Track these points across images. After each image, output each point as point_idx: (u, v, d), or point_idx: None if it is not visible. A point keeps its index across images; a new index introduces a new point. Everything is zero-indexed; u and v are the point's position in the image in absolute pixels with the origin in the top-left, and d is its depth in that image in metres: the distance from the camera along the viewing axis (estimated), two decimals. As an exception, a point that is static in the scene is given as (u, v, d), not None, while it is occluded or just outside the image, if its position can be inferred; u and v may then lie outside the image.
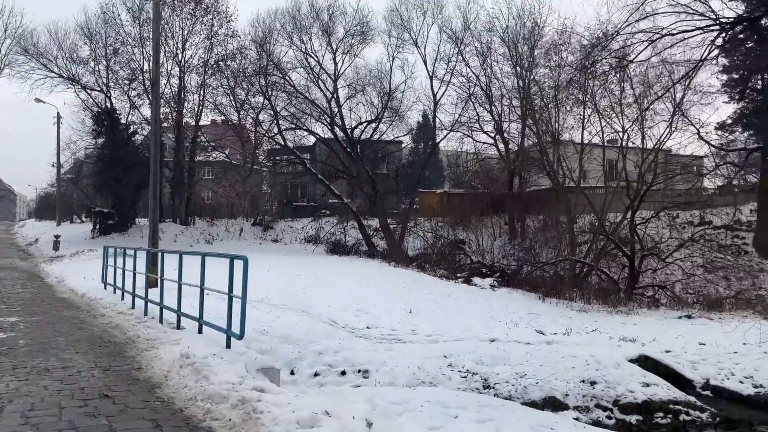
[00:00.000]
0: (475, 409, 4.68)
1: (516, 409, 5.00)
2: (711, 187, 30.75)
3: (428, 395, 5.01)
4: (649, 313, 18.34)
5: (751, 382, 10.66)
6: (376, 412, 4.33)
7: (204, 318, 7.38)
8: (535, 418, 4.60)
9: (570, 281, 21.84)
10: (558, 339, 12.92)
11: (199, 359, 5.68)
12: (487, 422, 4.21)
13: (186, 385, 5.18)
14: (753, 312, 18.41)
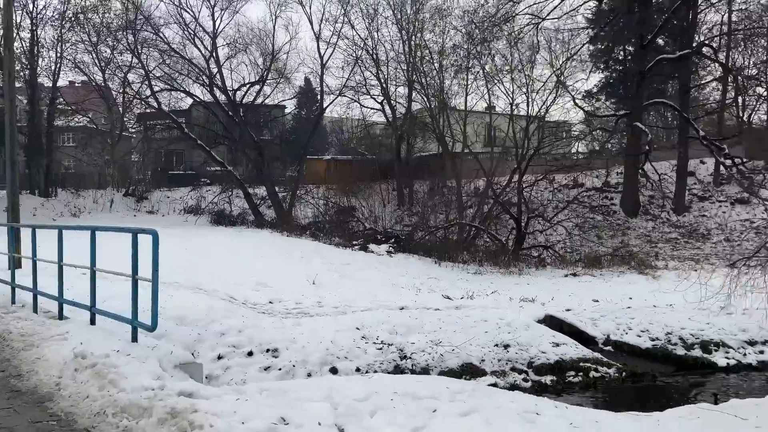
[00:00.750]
0: (449, 397, 4.24)
1: (490, 393, 4.62)
2: (584, 152, 32.59)
3: (391, 385, 4.48)
4: (538, 273, 19.04)
5: (648, 335, 11.21)
6: (341, 412, 3.71)
7: (97, 306, 6.21)
8: (517, 404, 4.24)
9: (461, 244, 22.19)
10: (465, 303, 12.91)
11: (99, 359, 4.64)
12: (471, 414, 3.78)
13: (88, 394, 4.15)
14: (629, 267, 19.75)
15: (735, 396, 8.78)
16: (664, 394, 9.18)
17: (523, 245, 22.34)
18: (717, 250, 25.05)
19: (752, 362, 10.36)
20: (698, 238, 26.93)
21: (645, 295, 14.64)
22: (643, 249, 23.73)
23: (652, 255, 22.08)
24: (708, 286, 11.09)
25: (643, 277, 18.11)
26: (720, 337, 10.99)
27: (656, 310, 12.35)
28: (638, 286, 16.24)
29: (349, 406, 3.80)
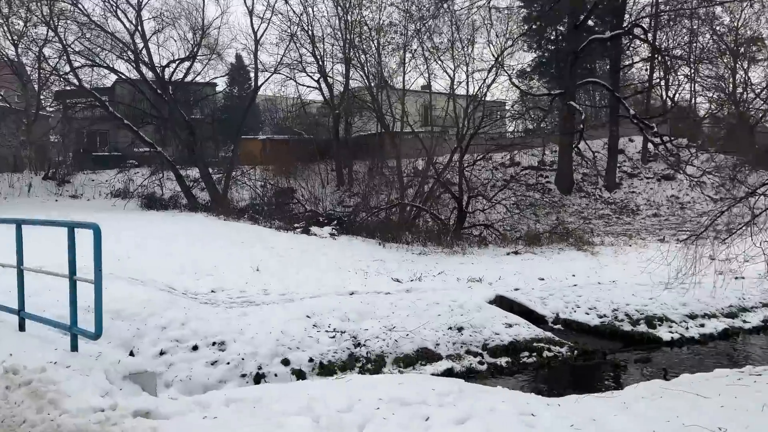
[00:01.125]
0: (437, 401, 3.96)
1: (477, 393, 4.35)
2: (520, 131, 33.04)
3: (372, 388, 4.14)
4: (481, 252, 19.16)
5: (596, 312, 11.39)
6: (324, 426, 3.34)
7: (26, 309, 5.52)
8: (509, 404, 4.01)
9: (403, 225, 22.04)
10: (416, 286, 12.73)
11: (34, 374, 4.01)
12: (467, 422, 3.51)
13: (25, 419, 3.54)
14: (567, 244, 20.20)
15: (682, 370, 8.99)
16: (616, 371, 9.32)
17: (465, 224, 22.44)
18: (646, 225, 26.08)
19: (694, 336, 10.70)
20: (628, 214, 27.94)
21: (587, 271, 14.94)
22: (578, 225, 24.35)
23: (588, 231, 22.68)
24: (659, 261, 11.28)
25: (582, 253, 18.55)
26: (663, 312, 11.30)
27: (601, 287, 12.58)
28: (579, 263, 16.58)
29: (333, 418, 3.45)
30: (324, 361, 9.09)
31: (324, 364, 9.04)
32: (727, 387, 6.68)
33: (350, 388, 4.25)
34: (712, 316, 11.35)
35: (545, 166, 31.87)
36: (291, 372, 8.82)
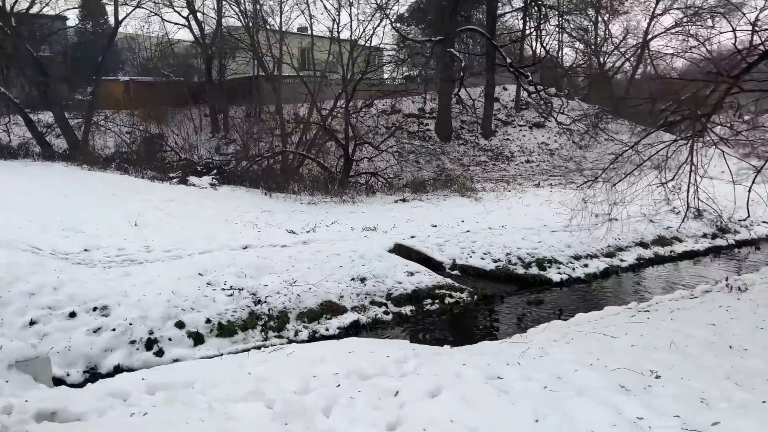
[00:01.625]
0: (397, 370, 3.58)
1: (434, 357, 4.03)
2: (401, 77, 32.90)
3: (322, 362, 3.68)
4: (370, 200, 19.02)
5: (490, 257, 11.66)
6: (282, 413, 2.85)
7: None
8: (472, 368, 3.74)
9: (288, 174, 21.28)
10: (312, 237, 12.27)
11: None
12: (440, 394, 3.15)
13: None
14: (451, 190, 20.63)
15: (575, 309, 9.46)
16: (515, 313, 9.61)
17: (351, 173, 22.11)
18: (520, 171, 27.34)
19: (581, 275, 11.31)
20: (504, 161, 29.09)
21: (474, 217, 15.28)
22: (458, 172, 24.95)
23: (468, 178, 23.30)
24: (553, 206, 11.64)
25: (466, 199, 19.02)
26: (551, 254, 11.81)
27: (492, 232, 12.90)
28: (466, 209, 16.95)
29: (291, 403, 3.00)
30: (223, 322, 8.50)
31: (223, 325, 8.45)
32: (627, 325, 7.04)
33: (296, 363, 3.80)
34: (594, 256, 12.05)
35: (426, 114, 32.14)
36: (187, 335, 8.15)
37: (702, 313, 7.05)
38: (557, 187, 22.29)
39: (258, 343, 8.32)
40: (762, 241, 13.61)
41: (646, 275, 11.79)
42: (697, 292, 9.31)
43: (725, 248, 13.38)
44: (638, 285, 11.11)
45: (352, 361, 3.80)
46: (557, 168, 28.09)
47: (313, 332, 8.76)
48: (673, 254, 12.71)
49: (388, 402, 3.12)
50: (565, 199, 17.70)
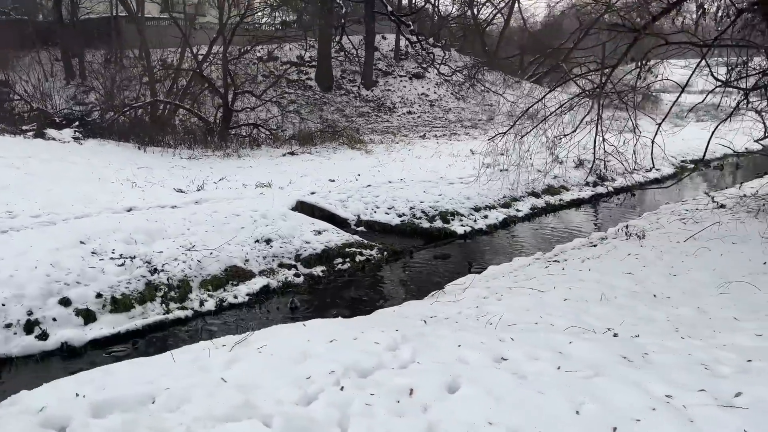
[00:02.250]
0: (395, 360, 3.08)
1: (419, 337, 3.59)
2: (278, 23, 31.29)
3: (307, 357, 3.10)
4: (256, 154, 18.07)
5: (395, 212, 11.46)
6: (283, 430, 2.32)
7: None
8: (469, 347, 3.39)
9: (160, 126, 19.57)
10: (204, 196, 11.30)
11: None
12: (460, 389, 2.77)
13: None
14: (339, 143, 20.14)
15: (485, 261, 9.57)
16: (428, 269, 9.52)
17: (231, 124, 20.80)
18: (403, 122, 27.37)
19: (482, 227, 11.47)
20: (386, 112, 28.93)
21: (370, 170, 14.97)
22: (343, 124, 24.43)
23: (354, 130, 22.88)
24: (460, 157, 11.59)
25: (357, 152, 18.65)
26: (453, 206, 11.85)
27: (393, 186, 12.69)
28: (358, 162, 16.60)
29: (295, 418, 2.47)
30: (116, 295, 7.57)
31: (117, 299, 7.53)
32: (547, 277, 7.14)
33: (275, 360, 3.21)
34: (492, 207, 12.27)
35: (304, 62, 30.98)
36: (75, 313, 7.16)
37: (614, 262, 7.33)
38: (443, 139, 22.58)
39: (159, 317, 7.53)
40: (635, 187, 14.65)
41: (541, 224, 12.24)
42: (594, 239, 9.76)
43: (605, 195, 14.26)
44: (537, 234, 11.48)
45: (341, 354, 3.32)
46: (438, 119, 28.46)
47: (221, 301, 8.09)
48: (562, 203, 13.31)
49: (408, 405, 2.72)
50: (459, 151, 17.99)
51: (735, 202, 10.15)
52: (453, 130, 24.86)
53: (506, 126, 27.46)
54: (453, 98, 31.19)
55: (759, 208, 9.07)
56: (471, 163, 15.68)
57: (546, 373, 3.13)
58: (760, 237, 7.43)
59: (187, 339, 7.05)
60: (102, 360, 6.54)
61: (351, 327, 4.02)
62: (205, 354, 3.46)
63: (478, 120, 28.17)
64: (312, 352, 3.34)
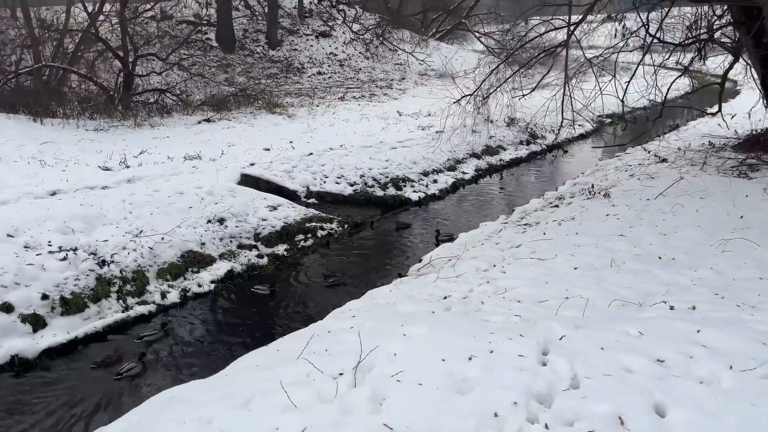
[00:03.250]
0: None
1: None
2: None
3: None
4: (169, 123, 16.67)
5: (345, 181, 10.95)
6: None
7: None
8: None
9: (50, 94, 17.51)
10: (136, 174, 10.17)
11: None
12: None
13: None
14: (256, 107, 19.07)
15: (448, 229, 9.37)
16: (396, 239, 9.19)
17: (135, 90, 19.03)
18: (314, 84, 26.44)
19: (435, 192, 11.25)
20: (295, 73, 27.80)
21: (302, 137, 14.25)
22: (251, 86, 23.16)
23: (267, 93, 21.74)
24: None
25: (279, 117, 17.76)
26: (402, 172, 11.52)
27: (335, 153, 12.12)
28: (285, 128, 15.79)
29: None
30: (66, 295, 6.64)
31: (67, 299, 6.61)
32: (536, 243, 7.04)
33: (430, 392, 2.63)
34: (439, 171, 12.08)
35: (202, 21, 28.92)
36: (21, 320, 6.20)
37: (596, 223, 7.35)
38: (363, 101, 22.02)
39: (118, 315, 6.70)
40: (565, 143, 15.03)
41: (490, 185, 12.22)
42: (551, 199, 9.83)
43: (539, 153, 14.50)
44: (489, 196, 11.44)
45: (499, 376, 2.81)
46: (350, 80, 27.77)
47: (184, 291, 7.34)
48: (502, 162, 13.36)
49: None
50: (386, 113, 17.55)
51: (675, 156, 10.61)
52: (371, 91, 24.35)
53: (420, 85, 27.26)
54: (362, 57, 30.50)
55: (703, 161, 9.51)
56: (404, 125, 15.38)
57: (728, 377, 2.89)
58: (720, 191, 7.77)
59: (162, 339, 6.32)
60: (62, 373, 5.69)
61: (455, 332, 3.59)
62: (326, 386, 2.90)
63: (391, 80, 27.79)
64: (462, 375, 2.88)
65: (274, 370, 3.54)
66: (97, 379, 5.62)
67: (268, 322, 6.71)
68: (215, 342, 6.29)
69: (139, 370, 5.65)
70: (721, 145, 10.78)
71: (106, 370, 5.75)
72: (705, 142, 11.22)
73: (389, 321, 4.24)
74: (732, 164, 9.29)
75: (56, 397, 5.35)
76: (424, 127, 14.85)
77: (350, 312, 5.06)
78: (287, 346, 4.19)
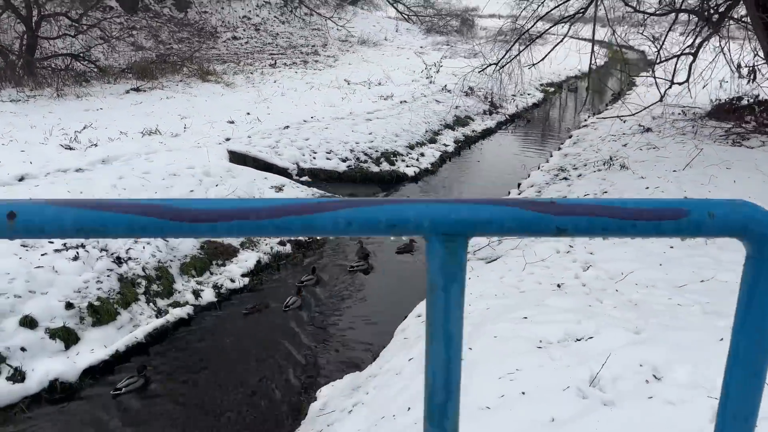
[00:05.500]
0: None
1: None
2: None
3: None
4: (94, 92, 14.87)
5: (336, 156, 10.25)
6: None
7: None
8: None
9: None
10: (110, 154, 8.82)
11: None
12: None
13: None
14: (185, 74, 17.57)
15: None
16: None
17: (41, 54, 16.77)
18: (233, 49, 24.79)
19: (427, 166, 10.86)
20: (209, 37, 25.89)
21: (258, 108, 13.16)
22: (173, 52, 21.26)
23: (188, 59, 20.01)
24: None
25: (218, 86, 16.42)
26: (389, 146, 11.01)
27: (314, 127, 11.32)
28: (232, 98, 14.60)
29: None
30: (93, 301, 5.63)
31: (96, 306, 5.59)
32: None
33: None
34: (422, 144, 11.68)
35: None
36: (49, 335, 5.14)
37: (646, 197, 7.33)
38: (295, 68, 20.92)
39: (156, 321, 5.80)
40: (527, 111, 15.21)
41: (474, 157, 12.03)
42: (555, 171, 9.76)
43: (505, 123, 14.50)
44: (482, 169, 11.24)
45: None
46: (269, 45, 26.35)
47: (217, 288, 6.49)
48: (476, 133, 13.20)
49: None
50: (331, 81, 16.73)
51: (655, 125, 10.95)
52: (302, 59, 23.22)
53: (347, 52, 26.34)
54: (278, 22, 29.02)
55: (695, 131, 9.89)
56: (363, 96, 14.76)
57: None
58: (737, 160, 8.06)
59: (222, 349, 5.52)
60: (109, 401, 4.77)
61: None
62: None
63: (313, 46, 26.69)
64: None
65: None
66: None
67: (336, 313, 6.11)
68: (282, 347, 5.61)
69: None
70: (693, 115, 11.27)
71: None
72: (674, 111, 11.67)
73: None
74: (720, 134, 9.73)
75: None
76: (386, 97, 14.33)
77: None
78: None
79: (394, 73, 17.63)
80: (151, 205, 0.81)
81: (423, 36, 30.04)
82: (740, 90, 10.99)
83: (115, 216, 0.81)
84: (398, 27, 31.04)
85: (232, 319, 6.11)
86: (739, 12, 10.71)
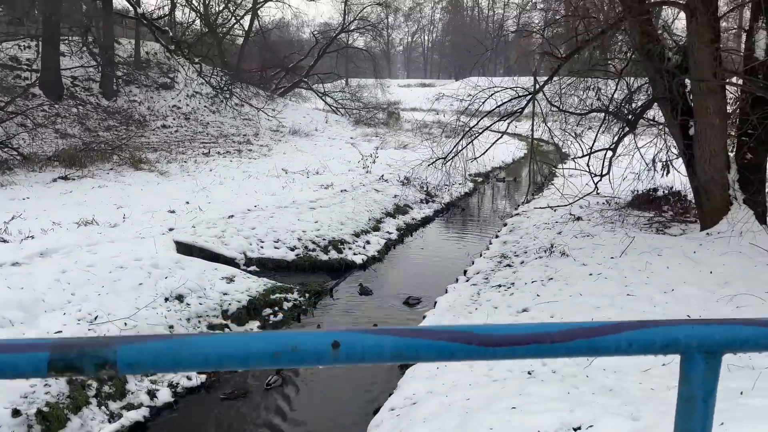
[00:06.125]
0: None
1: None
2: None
3: None
4: (18, 181, 14.24)
5: (284, 245, 10.19)
6: None
7: None
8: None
9: None
10: (49, 246, 8.36)
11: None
12: None
13: None
14: (116, 162, 17.23)
15: (402, 291, 9.19)
16: (364, 307, 8.72)
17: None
18: (162, 138, 24.62)
19: (374, 254, 10.97)
20: (138, 125, 25.64)
21: (196, 197, 13.00)
22: (99, 140, 20.84)
23: (122, 148, 19.68)
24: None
25: (152, 174, 16.15)
26: (336, 234, 11.09)
27: (259, 216, 11.26)
28: (168, 186, 14.40)
29: None
30: (42, 408, 5.15)
31: (45, 413, 5.13)
32: (538, 305, 7.20)
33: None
34: (367, 231, 11.84)
35: (21, 66, 25.54)
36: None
37: (588, 283, 7.64)
38: (229, 157, 20.93)
39: (105, 426, 5.38)
40: (460, 200, 15.82)
41: (417, 245, 12.26)
42: (497, 258, 10.14)
43: (441, 211, 14.97)
44: (425, 256, 11.44)
45: None
46: (200, 134, 26.40)
47: (173, 387, 6.14)
48: (416, 221, 13.52)
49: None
50: (269, 170, 16.84)
51: (585, 214, 11.69)
52: (236, 148, 23.33)
53: (280, 142, 26.70)
54: (208, 111, 29.27)
55: (622, 219, 10.64)
56: (302, 185, 14.94)
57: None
58: (666, 248, 8.69)
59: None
60: None
61: None
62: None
63: (245, 135, 26.95)
64: None
65: None
66: None
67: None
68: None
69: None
70: (616, 204, 12.14)
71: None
72: (599, 201, 12.52)
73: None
74: (644, 222, 10.51)
75: None
76: (327, 186, 14.57)
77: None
78: None
79: (331, 162, 18.02)
80: (459, 331, 0.87)
81: (352, 127, 31.03)
82: (656, 182, 12.00)
83: (427, 342, 0.86)
84: (328, 118, 32.01)
85: (188, 419, 5.79)
86: (652, 114, 11.91)
